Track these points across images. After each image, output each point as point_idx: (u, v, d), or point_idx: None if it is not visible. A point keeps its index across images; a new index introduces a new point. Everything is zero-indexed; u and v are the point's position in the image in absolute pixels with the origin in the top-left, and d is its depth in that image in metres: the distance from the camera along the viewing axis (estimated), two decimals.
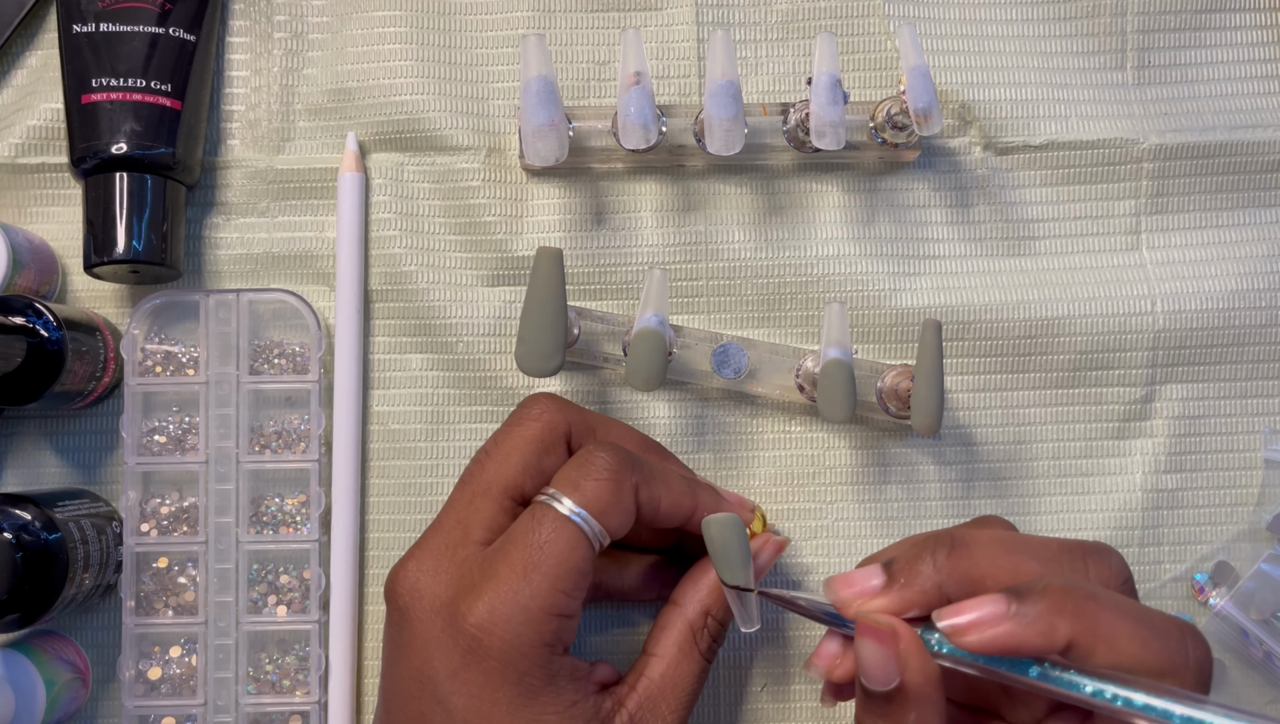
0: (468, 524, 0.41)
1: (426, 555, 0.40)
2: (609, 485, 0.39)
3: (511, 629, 0.37)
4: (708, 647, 0.42)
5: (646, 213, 0.50)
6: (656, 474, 0.41)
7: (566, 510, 0.39)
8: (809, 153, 0.48)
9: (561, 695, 0.38)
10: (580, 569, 0.38)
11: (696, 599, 0.42)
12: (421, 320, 0.49)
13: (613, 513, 0.39)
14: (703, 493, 0.43)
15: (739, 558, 0.38)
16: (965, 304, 0.49)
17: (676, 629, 0.42)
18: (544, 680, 0.38)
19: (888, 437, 0.49)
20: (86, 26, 0.46)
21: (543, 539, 0.38)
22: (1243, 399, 0.50)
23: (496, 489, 0.41)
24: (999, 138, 0.50)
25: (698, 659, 0.42)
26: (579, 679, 0.39)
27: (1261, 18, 0.51)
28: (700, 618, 0.42)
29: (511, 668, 0.38)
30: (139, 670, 0.46)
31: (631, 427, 0.46)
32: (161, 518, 0.47)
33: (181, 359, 0.48)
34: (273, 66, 0.50)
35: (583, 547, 0.39)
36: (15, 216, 0.49)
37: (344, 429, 0.48)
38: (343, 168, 0.49)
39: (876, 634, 0.35)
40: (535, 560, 0.38)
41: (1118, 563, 0.36)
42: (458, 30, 0.50)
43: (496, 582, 0.38)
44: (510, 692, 0.38)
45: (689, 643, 0.42)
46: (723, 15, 0.50)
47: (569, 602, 0.38)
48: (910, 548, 0.37)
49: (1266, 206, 0.50)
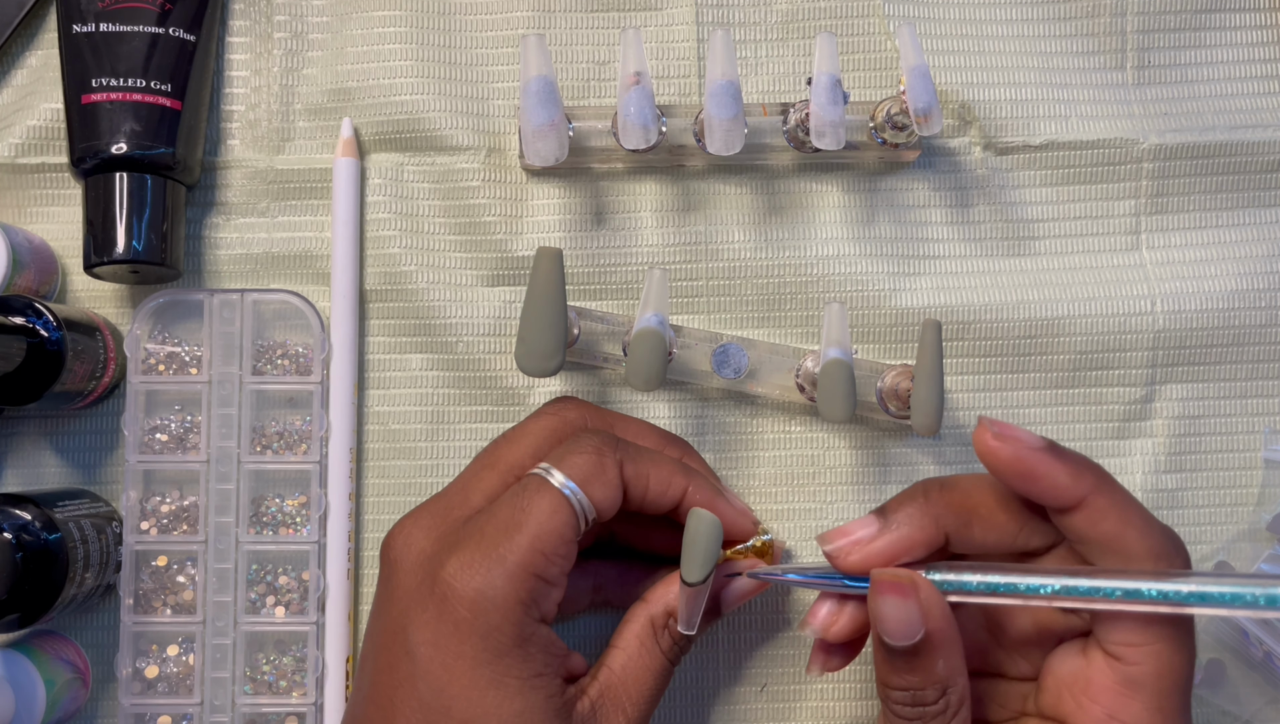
0: (469, 492, 0.42)
1: (424, 515, 0.42)
2: (592, 458, 0.40)
3: (485, 579, 0.38)
4: (669, 646, 0.42)
5: (646, 213, 0.50)
6: (644, 454, 0.42)
7: (556, 482, 0.40)
8: (809, 153, 0.48)
9: (528, 663, 0.38)
10: (562, 535, 0.39)
11: (662, 597, 0.42)
12: (421, 320, 0.49)
13: (596, 484, 0.40)
14: (699, 481, 0.43)
15: (702, 556, 0.39)
16: (965, 304, 0.49)
17: (638, 623, 0.42)
18: (513, 641, 0.38)
19: (888, 437, 0.49)
20: (86, 26, 0.46)
21: (527, 502, 0.39)
22: (1243, 399, 0.50)
23: (503, 465, 0.42)
24: (999, 138, 0.50)
25: (659, 656, 0.42)
26: (552, 655, 0.39)
27: (1261, 18, 0.51)
28: (663, 616, 0.42)
29: (481, 618, 0.38)
30: (136, 669, 0.46)
31: (651, 423, 0.46)
32: (161, 516, 0.47)
33: (184, 358, 0.48)
34: (273, 66, 0.50)
35: (565, 512, 0.39)
36: (15, 216, 0.49)
37: (339, 425, 0.48)
38: (337, 153, 0.49)
39: (897, 588, 0.37)
40: (518, 520, 0.39)
41: None
42: (458, 30, 0.50)
43: (477, 536, 0.39)
44: (476, 644, 0.38)
45: (649, 638, 0.42)
46: (723, 15, 0.50)
47: (548, 564, 0.39)
48: (903, 494, 0.40)
49: (1266, 206, 0.50)
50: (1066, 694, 0.38)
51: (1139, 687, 0.36)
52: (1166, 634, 0.36)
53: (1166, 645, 0.36)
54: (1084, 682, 0.38)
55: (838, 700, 0.48)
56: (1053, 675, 0.39)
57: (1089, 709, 0.37)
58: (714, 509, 0.41)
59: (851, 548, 0.39)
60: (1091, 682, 0.37)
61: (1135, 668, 0.36)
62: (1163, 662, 0.36)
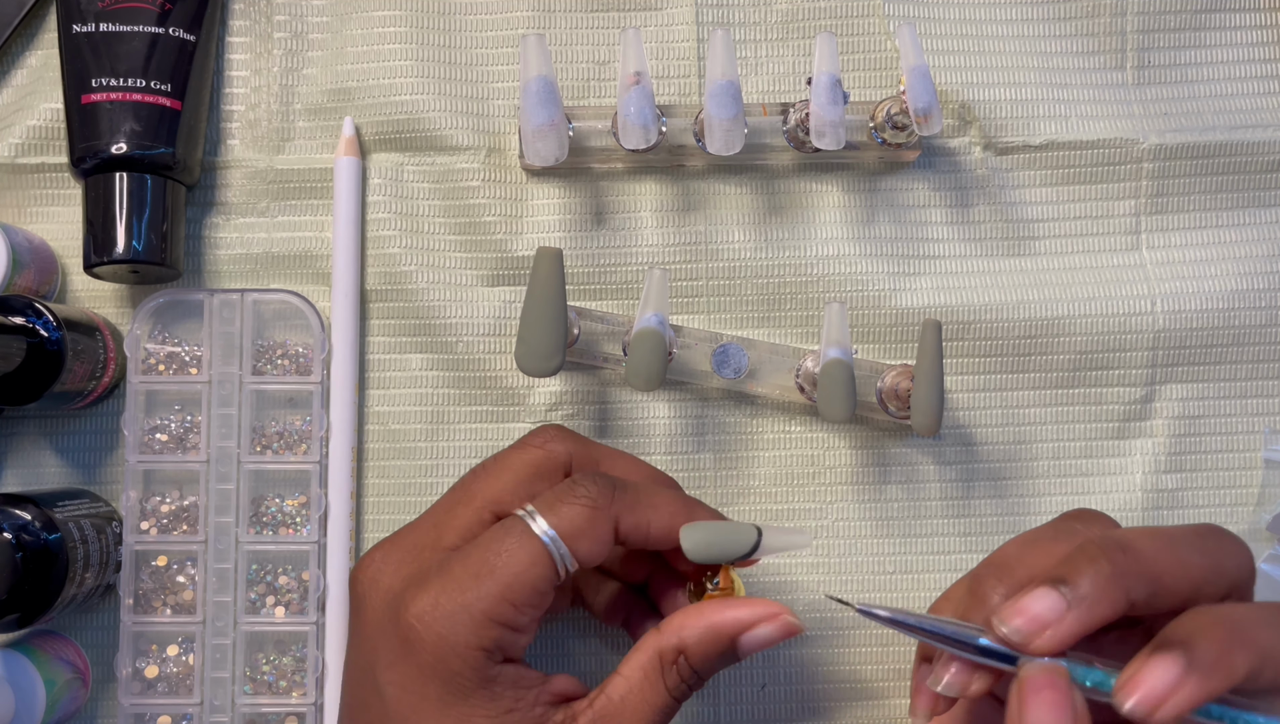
0: (442, 528, 0.40)
1: (394, 549, 0.40)
2: (585, 512, 0.38)
3: (447, 626, 0.37)
4: (675, 684, 0.39)
5: (646, 213, 0.50)
6: (644, 498, 0.39)
7: (538, 529, 0.38)
8: (809, 153, 0.48)
9: (497, 701, 0.37)
10: (535, 587, 0.37)
11: (677, 632, 0.39)
12: (421, 320, 0.49)
13: (584, 540, 0.38)
14: (702, 514, 0.41)
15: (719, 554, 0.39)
16: (965, 304, 0.49)
17: (647, 654, 0.39)
18: (476, 683, 0.37)
19: (888, 437, 0.49)
20: (86, 26, 0.46)
21: (504, 548, 0.37)
22: (1243, 399, 0.50)
23: (479, 501, 0.40)
24: (999, 138, 0.50)
25: (663, 693, 0.38)
26: (522, 688, 0.38)
27: (1261, 18, 0.51)
28: (673, 651, 0.39)
29: (442, 664, 0.37)
30: (136, 669, 0.46)
31: (641, 460, 0.43)
32: (161, 516, 0.47)
33: (184, 358, 0.48)
34: (273, 66, 0.50)
35: (543, 565, 0.37)
36: (15, 216, 0.49)
37: (339, 425, 0.48)
38: (339, 152, 0.49)
39: (1053, 693, 0.33)
40: (491, 566, 0.37)
41: (1243, 542, 0.36)
42: (458, 30, 0.50)
43: (446, 579, 0.37)
44: (440, 688, 0.37)
45: (656, 672, 0.38)
46: (723, 15, 0.50)
47: (516, 614, 0.37)
48: (1070, 556, 0.35)
49: (1266, 206, 0.50)
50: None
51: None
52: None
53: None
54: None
55: (838, 701, 0.48)
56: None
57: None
58: None
59: (1035, 629, 0.34)
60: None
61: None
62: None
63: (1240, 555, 0.35)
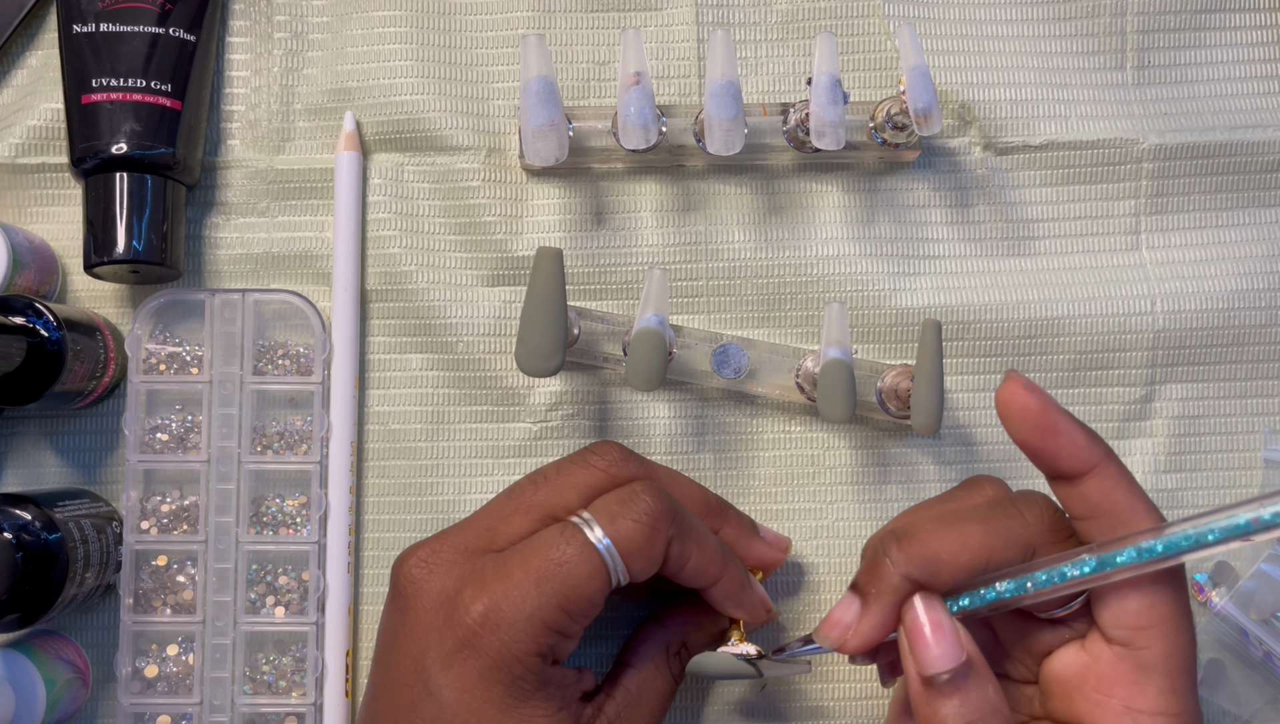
0: (495, 533, 0.40)
1: (444, 549, 0.40)
2: (645, 530, 0.39)
3: (511, 633, 0.37)
4: (679, 671, 0.44)
5: (646, 213, 0.50)
6: (693, 534, 0.40)
7: (596, 539, 0.38)
8: (809, 153, 0.49)
9: (550, 702, 0.39)
10: (592, 599, 0.38)
11: (680, 625, 0.44)
12: (421, 320, 0.49)
13: (640, 558, 0.39)
14: (731, 571, 0.42)
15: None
16: (965, 304, 0.49)
17: (654, 645, 0.43)
18: (535, 686, 0.38)
19: (888, 437, 0.49)
20: (86, 26, 0.46)
21: (565, 557, 0.38)
22: (1243, 399, 0.50)
23: (539, 513, 0.40)
24: (999, 138, 0.50)
25: (669, 678, 0.43)
26: (566, 687, 0.40)
27: (1261, 18, 0.51)
28: (678, 643, 0.44)
29: (505, 670, 0.38)
30: (136, 668, 0.46)
31: (697, 483, 0.44)
32: (162, 516, 0.47)
33: (185, 358, 0.48)
34: (273, 66, 0.50)
35: (601, 578, 0.38)
36: (15, 216, 0.50)
37: (340, 425, 0.48)
38: (340, 147, 0.49)
39: (938, 629, 0.37)
40: (551, 574, 0.38)
41: (1043, 501, 0.39)
42: (458, 30, 0.50)
43: (507, 583, 0.38)
44: (501, 692, 0.38)
45: (662, 661, 0.43)
46: (723, 15, 0.51)
47: (572, 624, 0.38)
48: (866, 559, 0.39)
49: (1266, 206, 0.50)
50: (1077, 695, 0.38)
51: (1151, 670, 0.36)
52: (1171, 614, 0.37)
53: (1172, 625, 0.37)
54: (1095, 678, 0.38)
55: (837, 700, 0.48)
56: (1057, 680, 0.39)
57: (1105, 704, 0.37)
58: (736, 603, 0.42)
59: (845, 636, 0.38)
60: (1103, 676, 0.37)
61: (1145, 652, 0.36)
62: (1170, 642, 0.36)
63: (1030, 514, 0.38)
